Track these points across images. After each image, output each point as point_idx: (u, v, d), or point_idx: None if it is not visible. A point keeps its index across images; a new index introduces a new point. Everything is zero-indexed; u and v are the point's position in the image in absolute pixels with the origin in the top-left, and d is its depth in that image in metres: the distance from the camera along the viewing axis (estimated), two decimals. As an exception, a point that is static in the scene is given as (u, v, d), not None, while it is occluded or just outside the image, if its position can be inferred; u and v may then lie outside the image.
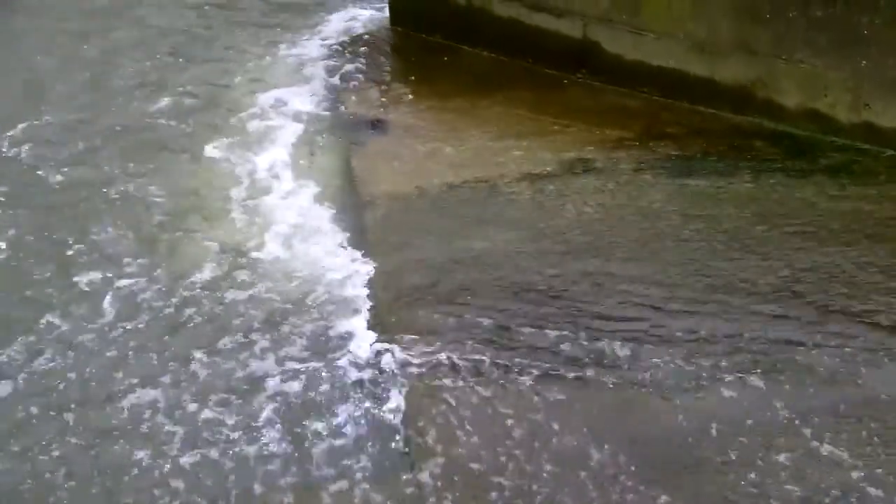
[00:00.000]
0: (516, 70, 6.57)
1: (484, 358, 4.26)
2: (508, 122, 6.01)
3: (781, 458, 3.73)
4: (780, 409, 3.94)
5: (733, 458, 3.76)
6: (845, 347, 4.21)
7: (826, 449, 3.76)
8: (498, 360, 4.25)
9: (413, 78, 6.69)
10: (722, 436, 3.85)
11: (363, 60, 6.90)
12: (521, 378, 4.16)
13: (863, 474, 3.65)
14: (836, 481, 3.64)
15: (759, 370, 4.13)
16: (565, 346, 4.31)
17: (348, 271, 4.88)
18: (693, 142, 5.70)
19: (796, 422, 3.88)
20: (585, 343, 4.32)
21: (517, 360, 4.25)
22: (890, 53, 5.33)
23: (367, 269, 4.88)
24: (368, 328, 4.52)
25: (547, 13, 6.48)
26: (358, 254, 5.00)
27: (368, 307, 4.65)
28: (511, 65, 6.63)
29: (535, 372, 4.18)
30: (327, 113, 6.33)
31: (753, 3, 5.66)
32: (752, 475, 3.68)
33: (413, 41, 7.09)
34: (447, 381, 4.16)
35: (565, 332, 4.37)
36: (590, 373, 4.17)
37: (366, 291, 4.74)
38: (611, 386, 4.11)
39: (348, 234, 5.17)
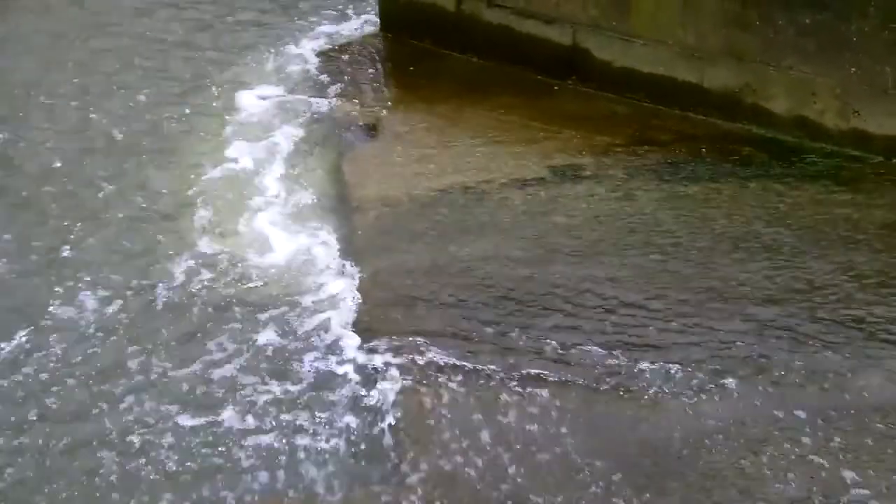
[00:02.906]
0: (506, 76, 6.57)
1: (472, 363, 4.26)
2: (498, 128, 6.01)
3: (770, 463, 3.74)
4: (770, 414, 3.94)
5: (721, 463, 3.76)
6: (836, 352, 4.21)
7: (814, 454, 3.76)
8: (486, 366, 4.25)
9: (403, 84, 6.69)
10: (710, 441, 3.85)
11: (353, 66, 6.89)
12: (510, 384, 4.16)
13: (851, 479, 3.65)
14: (825, 486, 3.64)
15: (748, 375, 4.13)
16: (554, 353, 4.31)
17: (337, 276, 4.88)
18: (682, 148, 5.71)
19: (785, 427, 3.88)
20: (575, 349, 4.32)
21: (506, 366, 4.25)
22: (879, 60, 5.34)
23: (355, 273, 4.87)
24: (356, 333, 4.52)
25: (536, 20, 6.48)
26: (347, 258, 5.00)
27: (356, 312, 4.64)
28: (501, 71, 6.63)
29: (524, 378, 4.18)
30: (317, 118, 6.32)
31: (742, 10, 5.67)
32: (741, 480, 3.68)
33: (403, 47, 7.08)
34: (435, 387, 4.16)
35: (554, 338, 4.37)
36: (579, 379, 4.17)
37: (354, 296, 4.73)
38: (601, 392, 4.11)
39: (337, 239, 5.16)
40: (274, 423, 4.11)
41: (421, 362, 4.28)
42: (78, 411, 4.23)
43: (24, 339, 4.60)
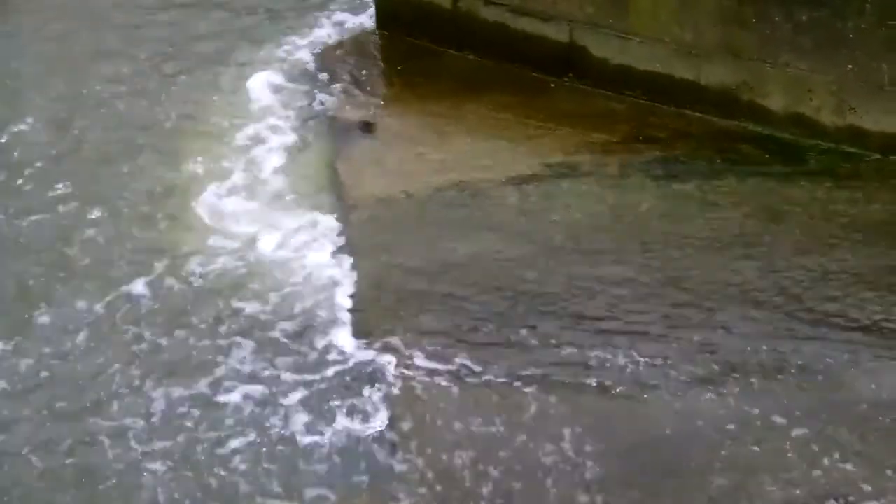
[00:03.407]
0: (503, 74, 6.54)
1: (468, 362, 4.26)
2: (494, 125, 6.00)
3: (766, 461, 3.73)
4: (767, 412, 3.94)
5: (718, 461, 3.75)
6: (832, 350, 4.21)
7: (812, 452, 3.76)
8: (482, 365, 4.25)
9: (399, 82, 6.67)
10: (707, 439, 3.84)
11: (349, 64, 6.86)
12: (507, 383, 4.15)
13: (849, 476, 3.65)
14: (822, 483, 3.63)
15: (746, 373, 4.13)
16: (551, 351, 4.30)
17: (332, 274, 4.87)
18: (679, 145, 5.70)
19: (783, 425, 3.88)
20: (571, 348, 4.31)
21: (502, 365, 4.25)
22: (875, 57, 5.33)
23: (351, 272, 4.87)
24: (353, 332, 4.52)
25: (533, 17, 6.46)
26: (342, 257, 4.99)
27: (353, 311, 4.64)
28: (497, 69, 6.60)
29: (521, 377, 4.18)
30: (312, 116, 6.29)
31: (738, 7, 5.66)
32: (737, 478, 3.67)
33: (399, 45, 7.05)
34: (432, 386, 4.16)
35: (551, 337, 4.37)
36: (575, 377, 4.17)
37: (350, 295, 4.73)
38: (596, 390, 4.11)
39: (333, 238, 5.15)
40: (268, 421, 4.10)
41: (417, 361, 4.28)
42: (74, 408, 4.24)
43: (21, 336, 4.62)
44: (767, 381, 4.08)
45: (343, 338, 4.51)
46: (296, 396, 4.22)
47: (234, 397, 4.24)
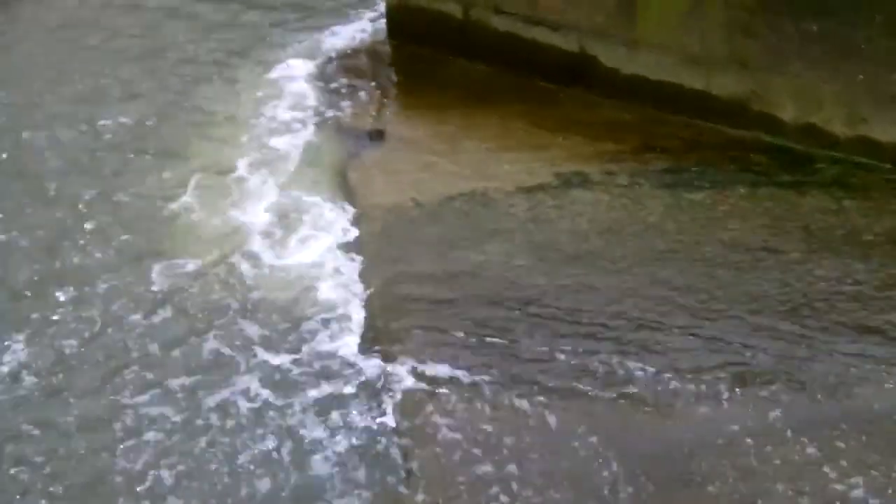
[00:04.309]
0: (513, 83, 6.56)
1: (478, 371, 4.25)
2: (505, 135, 6.01)
3: (777, 471, 3.72)
4: (778, 422, 3.93)
5: (730, 471, 3.74)
6: (843, 361, 4.20)
7: (823, 462, 3.75)
8: (492, 374, 4.24)
9: (410, 90, 6.69)
10: (718, 449, 3.83)
11: (361, 73, 6.89)
12: (516, 392, 4.15)
13: (860, 487, 3.63)
14: (834, 494, 3.62)
15: (756, 384, 4.12)
16: (561, 361, 4.30)
17: (343, 283, 4.88)
18: (689, 155, 5.70)
19: (794, 435, 3.87)
20: (581, 357, 4.31)
21: (512, 373, 4.24)
22: (886, 67, 5.33)
23: (361, 279, 4.87)
24: (363, 341, 4.52)
25: (543, 27, 6.48)
26: (353, 266, 5.00)
27: (363, 319, 4.64)
28: (508, 78, 6.62)
29: (531, 386, 4.18)
30: (324, 125, 6.32)
31: (748, 18, 5.67)
32: (749, 488, 3.66)
33: (410, 54, 7.08)
34: (442, 395, 4.16)
35: (561, 346, 4.36)
36: (585, 387, 4.17)
37: (360, 304, 4.73)
38: (607, 400, 4.10)
39: (343, 244, 5.16)
40: (277, 430, 4.11)
41: (425, 368, 4.28)
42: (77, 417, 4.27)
43: (25, 340, 4.65)
44: (782, 392, 4.07)
45: (352, 346, 4.51)
46: (302, 407, 4.22)
47: (238, 406, 4.24)
